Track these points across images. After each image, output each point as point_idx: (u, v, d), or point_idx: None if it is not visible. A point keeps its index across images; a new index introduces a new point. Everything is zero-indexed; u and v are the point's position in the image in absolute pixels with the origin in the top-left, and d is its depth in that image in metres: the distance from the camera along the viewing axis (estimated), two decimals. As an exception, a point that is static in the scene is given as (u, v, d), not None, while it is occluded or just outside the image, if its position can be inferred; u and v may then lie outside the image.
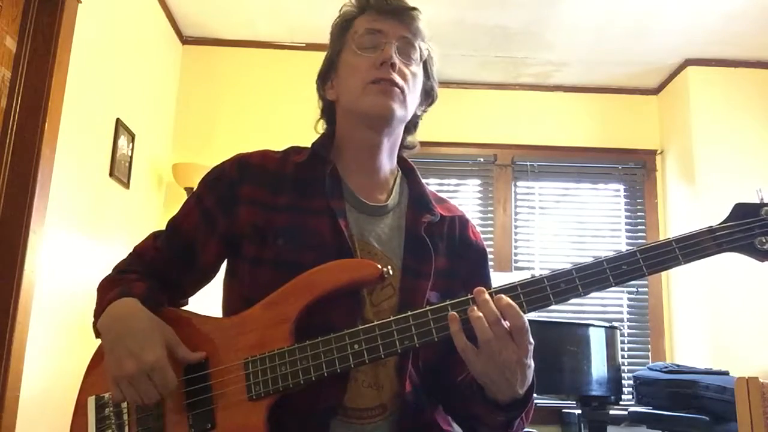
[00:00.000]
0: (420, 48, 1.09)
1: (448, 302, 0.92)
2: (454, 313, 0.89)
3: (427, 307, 0.92)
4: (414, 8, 1.09)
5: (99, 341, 1.05)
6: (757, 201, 0.92)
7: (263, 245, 1.02)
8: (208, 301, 1.20)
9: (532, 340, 0.89)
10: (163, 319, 1.00)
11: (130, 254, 1.14)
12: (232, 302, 1.07)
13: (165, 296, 1.05)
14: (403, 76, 1.06)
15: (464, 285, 0.93)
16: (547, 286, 0.91)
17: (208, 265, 1.10)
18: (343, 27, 1.12)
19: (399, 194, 1.13)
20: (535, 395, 0.97)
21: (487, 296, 0.89)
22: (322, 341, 0.93)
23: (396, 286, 1.03)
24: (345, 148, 1.12)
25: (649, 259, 0.90)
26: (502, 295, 0.89)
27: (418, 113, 1.16)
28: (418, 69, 1.10)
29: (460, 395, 1.02)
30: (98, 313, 1.03)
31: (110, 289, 1.04)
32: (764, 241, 0.90)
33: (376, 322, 0.93)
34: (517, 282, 0.92)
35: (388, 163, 1.13)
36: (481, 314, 0.87)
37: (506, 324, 0.87)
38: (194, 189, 1.13)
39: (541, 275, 0.92)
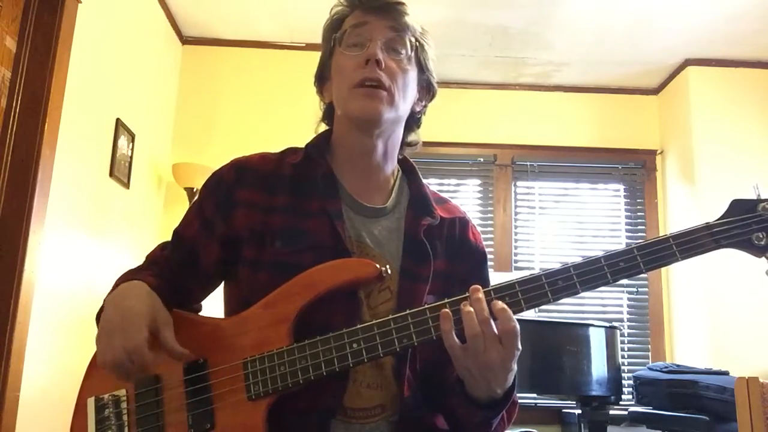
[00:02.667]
0: (409, 41, 1.07)
1: (446, 300, 0.92)
2: (447, 310, 0.89)
3: (426, 306, 0.92)
4: (400, 2, 1.07)
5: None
6: (755, 197, 0.92)
7: (262, 248, 1.02)
8: (209, 304, 1.20)
9: (520, 346, 0.89)
10: None
11: (144, 261, 1.15)
12: (233, 305, 1.07)
13: (174, 298, 1.05)
14: (391, 73, 1.04)
15: (462, 287, 0.93)
16: (545, 283, 0.91)
17: (211, 269, 1.10)
18: (332, 28, 1.11)
19: (398, 195, 1.12)
20: (518, 395, 0.98)
21: (481, 295, 0.89)
22: (320, 341, 0.93)
23: (393, 289, 1.03)
24: (340, 149, 1.11)
25: (647, 256, 0.90)
26: (497, 300, 0.89)
27: (418, 109, 1.14)
28: (409, 63, 1.07)
29: (444, 391, 1.02)
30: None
31: (125, 279, 1.05)
32: (761, 236, 0.89)
33: (374, 321, 0.93)
34: (515, 280, 0.92)
35: (385, 164, 1.11)
36: (472, 309, 0.88)
37: (496, 326, 0.87)
38: (196, 192, 1.13)
39: (538, 273, 0.92)
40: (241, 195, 1.05)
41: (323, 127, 1.18)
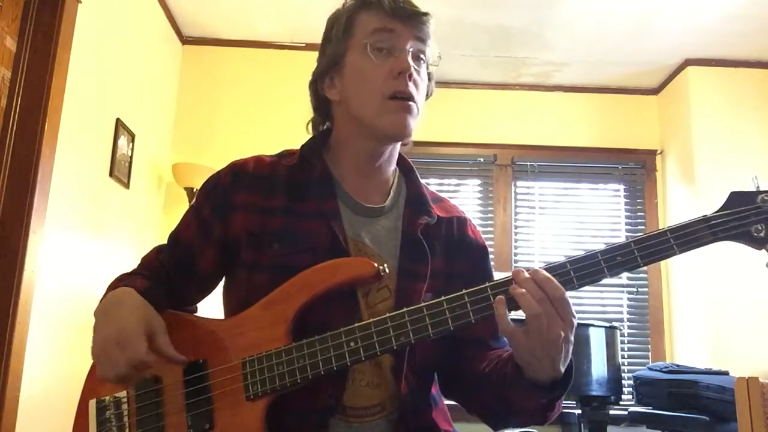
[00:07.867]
0: (427, 53, 1.07)
1: (443, 298, 0.91)
2: (502, 297, 0.87)
3: (423, 304, 0.92)
4: (426, 13, 1.06)
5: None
6: (753, 189, 0.91)
7: (259, 250, 1.02)
8: (209, 304, 1.20)
9: (575, 312, 0.87)
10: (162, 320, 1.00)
11: (139, 264, 1.15)
12: (232, 306, 1.07)
13: (167, 300, 1.06)
14: (416, 84, 1.03)
15: (466, 283, 0.93)
16: None
17: (208, 273, 1.10)
18: (348, 22, 1.06)
19: (396, 195, 1.13)
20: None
21: (528, 275, 0.87)
22: (318, 340, 0.93)
23: (392, 288, 1.03)
24: (344, 151, 1.10)
25: (644, 250, 0.89)
26: (538, 269, 0.87)
27: None
28: (425, 74, 1.08)
29: (489, 384, 1.00)
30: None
31: (115, 285, 1.05)
32: (760, 228, 0.88)
33: (371, 320, 0.93)
34: (512, 277, 0.91)
35: (388, 166, 1.12)
36: (524, 290, 0.85)
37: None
38: (196, 192, 1.14)
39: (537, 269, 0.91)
40: (238, 198, 1.06)
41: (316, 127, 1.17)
